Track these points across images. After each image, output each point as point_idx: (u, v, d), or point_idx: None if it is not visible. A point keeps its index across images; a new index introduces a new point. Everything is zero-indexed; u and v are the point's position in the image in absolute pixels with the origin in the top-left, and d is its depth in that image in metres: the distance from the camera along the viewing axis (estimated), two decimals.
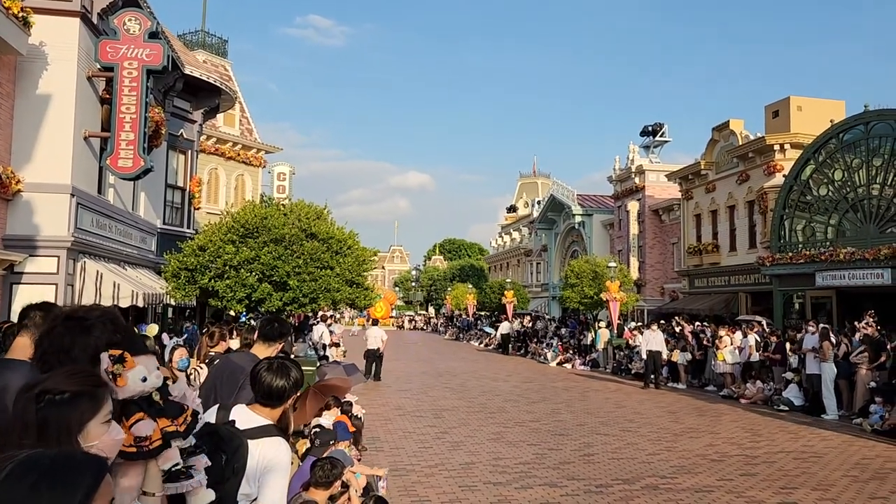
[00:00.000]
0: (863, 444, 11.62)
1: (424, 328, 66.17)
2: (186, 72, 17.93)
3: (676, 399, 17.44)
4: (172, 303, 15.26)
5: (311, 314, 20.88)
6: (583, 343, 28.43)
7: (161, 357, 6.10)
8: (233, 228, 13.86)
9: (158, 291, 14.42)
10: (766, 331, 19.30)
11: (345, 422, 7.32)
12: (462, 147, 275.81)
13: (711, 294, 29.55)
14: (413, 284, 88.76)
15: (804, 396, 15.62)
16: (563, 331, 32.72)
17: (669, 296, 34.58)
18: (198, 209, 20.81)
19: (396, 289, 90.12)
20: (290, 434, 4.00)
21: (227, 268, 13.24)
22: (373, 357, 20.28)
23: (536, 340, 32.83)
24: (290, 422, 3.66)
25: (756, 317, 22.81)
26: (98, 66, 13.15)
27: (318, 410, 7.08)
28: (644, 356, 20.34)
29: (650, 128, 38.64)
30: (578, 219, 43.95)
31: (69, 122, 12.24)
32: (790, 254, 22.63)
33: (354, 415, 8.96)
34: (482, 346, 39.30)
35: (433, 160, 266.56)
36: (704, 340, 20.54)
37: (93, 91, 13.30)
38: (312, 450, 6.21)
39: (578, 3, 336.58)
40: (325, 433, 6.60)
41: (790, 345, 17.06)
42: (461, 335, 48.12)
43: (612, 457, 10.18)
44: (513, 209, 75.69)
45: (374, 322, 24.73)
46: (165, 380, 2.29)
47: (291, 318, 19.11)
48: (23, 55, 11.42)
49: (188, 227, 19.22)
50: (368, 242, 17.76)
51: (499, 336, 35.65)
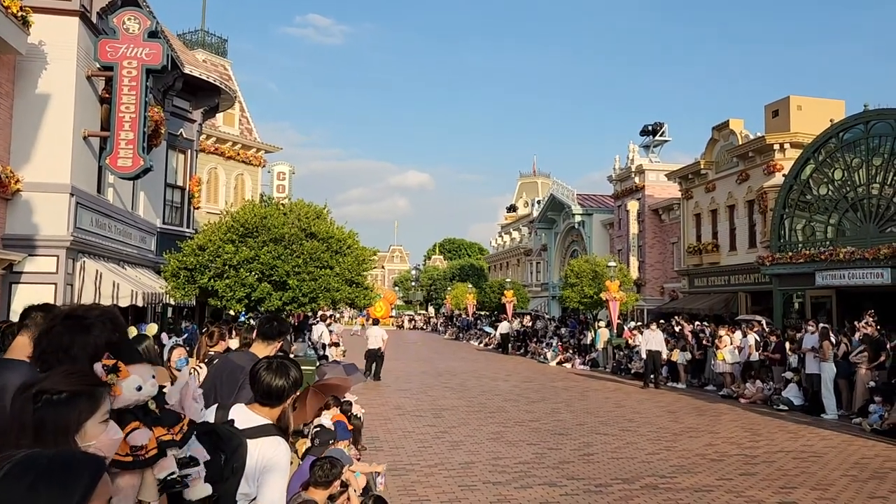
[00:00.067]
0: (862, 444, 11.62)
1: (424, 328, 66.13)
2: (186, 71, 17.94)
3: (676, 399, 17.45)
4: (172, 302, 15.26)
5: (311, 314, 20.87)
6: (582, 343, 28.43)
7: (160, 357, 6.09)
8: (232, 228, 13.84)
9: (158, 291, 14.42)
10: (766, 330, 19.29)
11: (343, 421, 7.31)
12: (462, 147, 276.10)
13: (711, 294, 29.56)
14: (413, 284, 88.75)
15: (804, 396, 15.63)
16: (563, 330, 32.71)
17: (669, 295, 34.57)
18: (197, 209, 20.81)
19: (396, 288, 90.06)
20: (290, 434, 4.00)
21: (227, 267, 13.24)
22: (374, 356, 20.32)
23: (536, 340, 32.82)
24: (290, 421, 3.65)
25: (756, 316, 22.80)
26: (97, 66, 13.15)
27: (318, 410, 7.07)
28: (644, 356, 20.34)
29: (650, 127, 38.63)
30: (578, 218, 43.95)
31: (68, 122, 12.23)
32: (790, 253, 22.64)
33: (354, 414, 8.95)
34: (482, 346, 39.29)
35: (433, 160, 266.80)
36: (704, 340, 20.54)
37: (92, 90, 13.29)
38: (312, 449, 6.21)
39: (578, 3, 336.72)
40: (325, 432, 6.59)
41: (790, 344, 17.06)
42: (461, 335, 48.10)
43: (612, 456, 10.18)
44: (513, 209, 75.67)
45: (375, 322, 24.93)
46: (162, 388, 2.28)
47: (291, 318, 19.11)
48: (22, 54, 11.41)
49: (188, 227, 19.21)
50: (368, 242, 17.76)
51: (498, 336, 35.68)
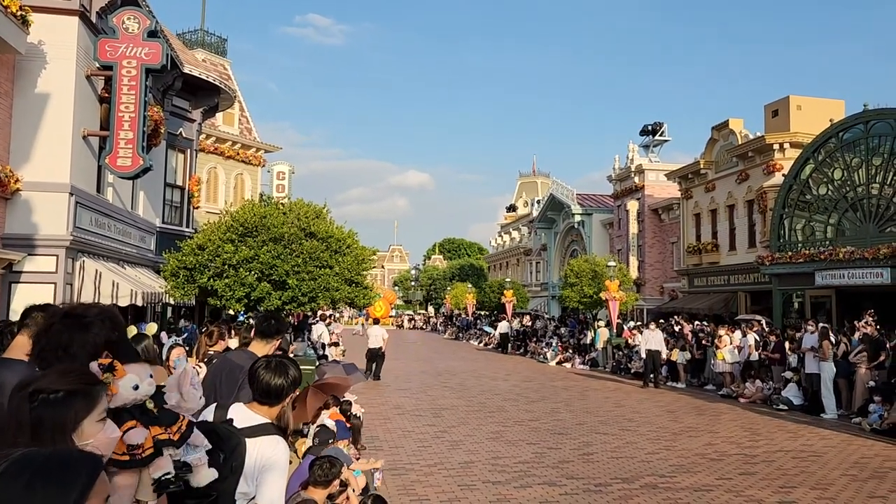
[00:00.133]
0: (861, 444, 11.62)
1: (424, 327, 66.09)
2: (185, 71, 17.94)
3: (675, 398, 17.44)
4: (172, 302, 15.25)
5: (311, 313, 20.88)
6: (582, 342, 28.43)
7: (159, 356, 6.09)
8: (232, 227, 13.85)
9: (157, 290, 14.41)
10: (766, 330, 19.29)
11: (341, 420, 7.32)
12: (462, 147, 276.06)
13: (711, 293, 29.56)
14: (412, 284, 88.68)
15: (803, 396, 15.62)
16: (563, 330, 32.72)
17: (669, 295, 34.57)
18: (197, 208, 20.80)
19: (396, 288, 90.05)
20: (290, 433, 4.00)
21: (226, 267, 13.24)
22: (374, 356, 20.36)
23: (536, 340, 32.82)
24: (290, 421, 3.65)
25: (755, 316, 22.80)
26: (97, 65, 13.14)
27: (318, 409, 7.07)
28: (643, 355, 20.34)
29: (650, 127, 38.62)
30: (578, 218, 43.93)
31: (68, 121, 12.23)
32: (789, 253, 22.64)
33: (353, 414, 8.95)
34: (481, 346, 39.30)
35: (433, 160, 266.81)
36: (704, 340, 20.54)
37: (91, 90, 13.29)
38: (311, 448, 6.21)
39: (578, 3, 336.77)
40: (325, 432, 6.59)
41: (789, 344, 17.06)
42: (460, 334, 48.10)
43: (612, 456, 10.18)
44: (512, 208, 75.62)
45: (376, 321, 25.12)
46: (160, 387, 2.28)
47: (290, 318, 19.10)
48: (21, 54, 11.41)
49: (187, 226, 19.21)
50: (368, 242, 17.78)
51: (497, 335, 35.70)
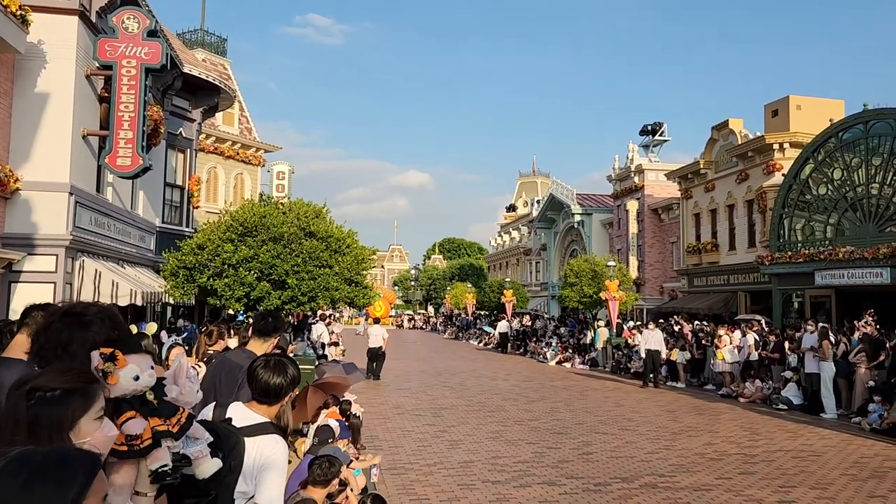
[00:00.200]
0: (861, 443, 11.62)
1: (423, 327, 66.11)
2: (185, 70, 17.94)
3: (675, 398, 17.44)
4: (171, 301, 15.25)
5: (310, 313, 20.88)
6: (582, 342, 28.43)
7: (158, 356, 6.09)
8: (231, 227, 13.85)
9: (157, 290, 14.41)
10: (765, 330, 19.29)
11: (340, 419, 7.32)
12: (462, 147, 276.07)
13: (710, 293, 29.55)
14: (412, 284, 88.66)
15: (803, 395, 15.63)
16: (563, 330, 32.72)
17: (668, 295, 34.57)
18: (197, 208, 20.80)
19: (396, 288, 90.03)
20: (290, 433, 3.99)
21: (226, 266, 13.24)
22: (375, 355, 20.38)
23: (535, 339, 32.82)
24: (290, 421, 3.65)
25: (755, 316, 22.80)
26: (96, 65, 13.14)
27: (318, 409, 7.07)
28: (643, 355, 20.34)
29: (649, 127, 38.61)
30: (578, 218, 43.93)
31: (67, 121, 12.23)
32: (789, 253, 22.64)
33: (353, 413, 8.95)
34: (481, 346, 39.30)
35: (433, 160, 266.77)
36: (703, 339, 20.54)
37: (91, 89, 13.28)
38: (311, 448, 6.20)
39: (578, 3, 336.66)
40: (325, 431, 6.59)
41: (789, 344, 17.06)
42: (460, 334, 48.11)
43: (611, 455, 10.17)
44: (512, 208, 75.60)
45: (377, 321, 25.25)
46: (161, 380, 2.28)
47: (290, 317, 19.11)
48: (21, 53, 11.41)
49: (187, 226, 19.21)
50: (368, 241, 17.79)
51: (497, 335, 35.70)
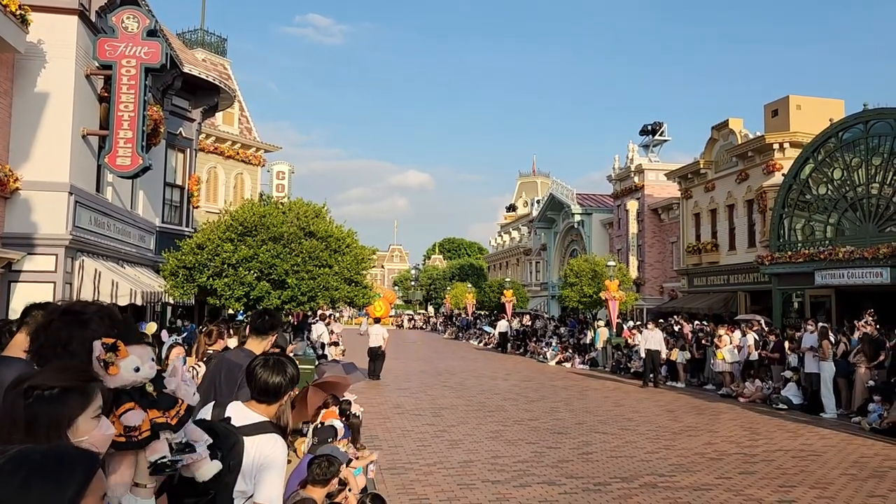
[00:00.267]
0: (861, 443, 11.62)
1: (424, 327, 66.12)
2: (185, 70, 17.93)
3: (675, 398, 17.44)
4: (171, 301, 15.25)
5: (310, 313, 20.87)
6: (582, 342, 28.43)
7: (158, 356, 6.08)
8: (231, 227, 13.83)
9: (157, 290, 14.41)
10: (765, 330, 19.29)
11: (339, 420, 7.32)
12: (461, 147, 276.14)
13: (710, 293, 29.55)
14: (412, 284, 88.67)
15: (803, 395, 15.63)
16: (563, 330, 32.73)
17: (668, 295, 34.57)
18: (196, 208, 20.80)
19: (396, 288, 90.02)
20: (290, 432, 3.99)
21: (226, 266, 13.22)
22: (375, 355, 20.39)
23: (535, 339, 32.82)
24: (289, 420, 3.64)
25: (755, 316, 22.79)
26: (96, 64, 13.14)
27: (318, 409, 7.07)
28: (643, 355, 20.34)
29: (649, 127, 38.61)
30: (578, 218, 43.92)
31: (67, 121, 12.22)
32: (789, 253, 22.64)
33: (352, 413, 8.94)
34: (481, 345, 39.30)
35: (433, 160, 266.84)
36: (703, 339, 20.54)
37: (91, 89, 13.28)
38: (311, 447, 6.20)
39: (578, 3, 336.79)
40: (325, 430, 6.59)
41: (789, 343, 17.06)
42: (460, 334, 48.11)
43: (611, 455, 10.17)
44: (512, 208, 75.60)
45: (377, 321, 25.28)
46: (160, 372, 2.28)
47: (290, 317, 19.10)
48: (21, 53, 11.40)
49: (187, 226, 19.20)
50: (368, 241, 17.81)
51: (497, 335, 35.69)
